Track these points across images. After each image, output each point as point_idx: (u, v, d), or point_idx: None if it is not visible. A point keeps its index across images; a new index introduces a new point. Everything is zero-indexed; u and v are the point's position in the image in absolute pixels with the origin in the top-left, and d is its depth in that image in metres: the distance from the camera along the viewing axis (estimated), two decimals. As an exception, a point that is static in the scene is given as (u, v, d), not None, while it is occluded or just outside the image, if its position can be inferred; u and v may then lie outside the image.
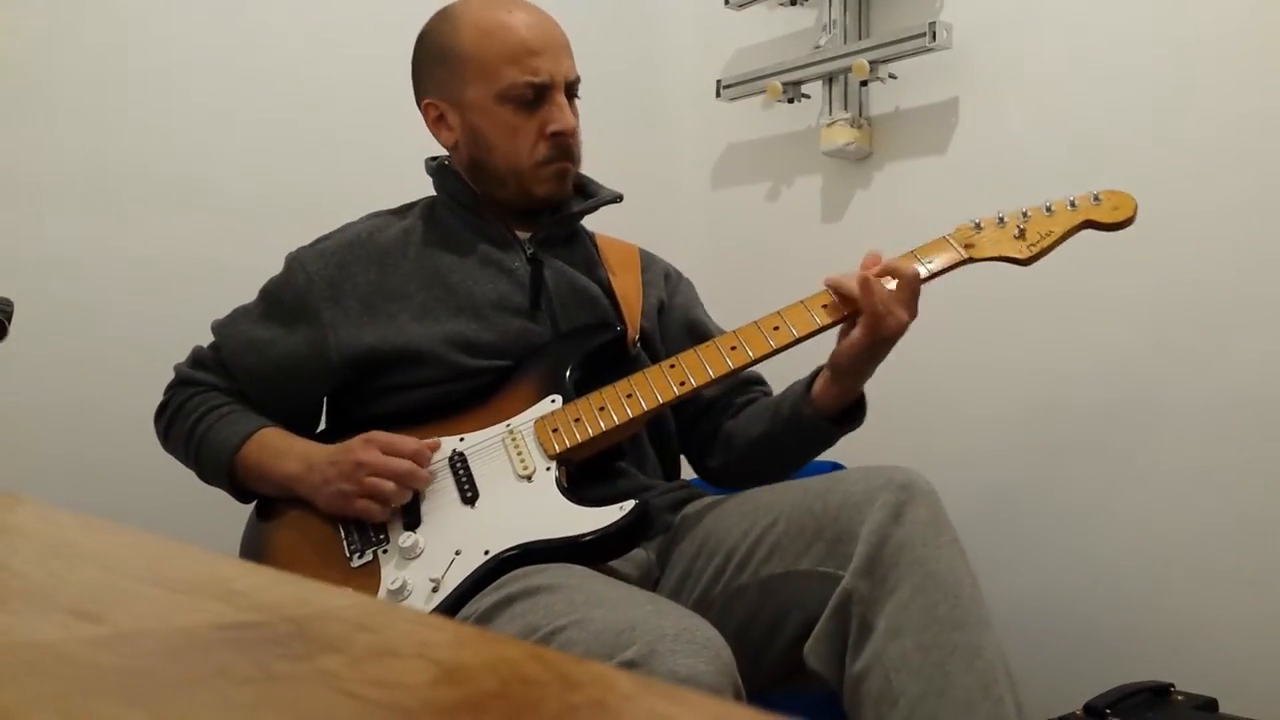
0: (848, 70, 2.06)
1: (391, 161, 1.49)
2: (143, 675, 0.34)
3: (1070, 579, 1.82)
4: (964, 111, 2.00)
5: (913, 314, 1.26)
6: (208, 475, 1.39)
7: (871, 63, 2.01)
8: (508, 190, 1.41)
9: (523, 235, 1.44)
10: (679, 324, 1.52)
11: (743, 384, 1.49)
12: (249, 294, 1.46)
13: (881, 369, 1.32)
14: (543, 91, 1.36)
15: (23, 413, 1.70)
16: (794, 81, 2.16)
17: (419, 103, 1.45)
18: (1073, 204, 1.30)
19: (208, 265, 1.86)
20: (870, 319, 1.23)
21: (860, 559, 1.10)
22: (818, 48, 2.13)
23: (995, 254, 1.29)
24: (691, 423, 1.49)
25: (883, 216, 2.13)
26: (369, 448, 1.26)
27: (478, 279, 1.39)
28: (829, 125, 2.11)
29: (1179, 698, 1.53)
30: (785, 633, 1.18)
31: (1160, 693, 1.54)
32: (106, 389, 1.77)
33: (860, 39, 2.10)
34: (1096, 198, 1.30)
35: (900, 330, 1.25)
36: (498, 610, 1.14)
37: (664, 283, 1.54)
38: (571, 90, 1.40)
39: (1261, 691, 1.58)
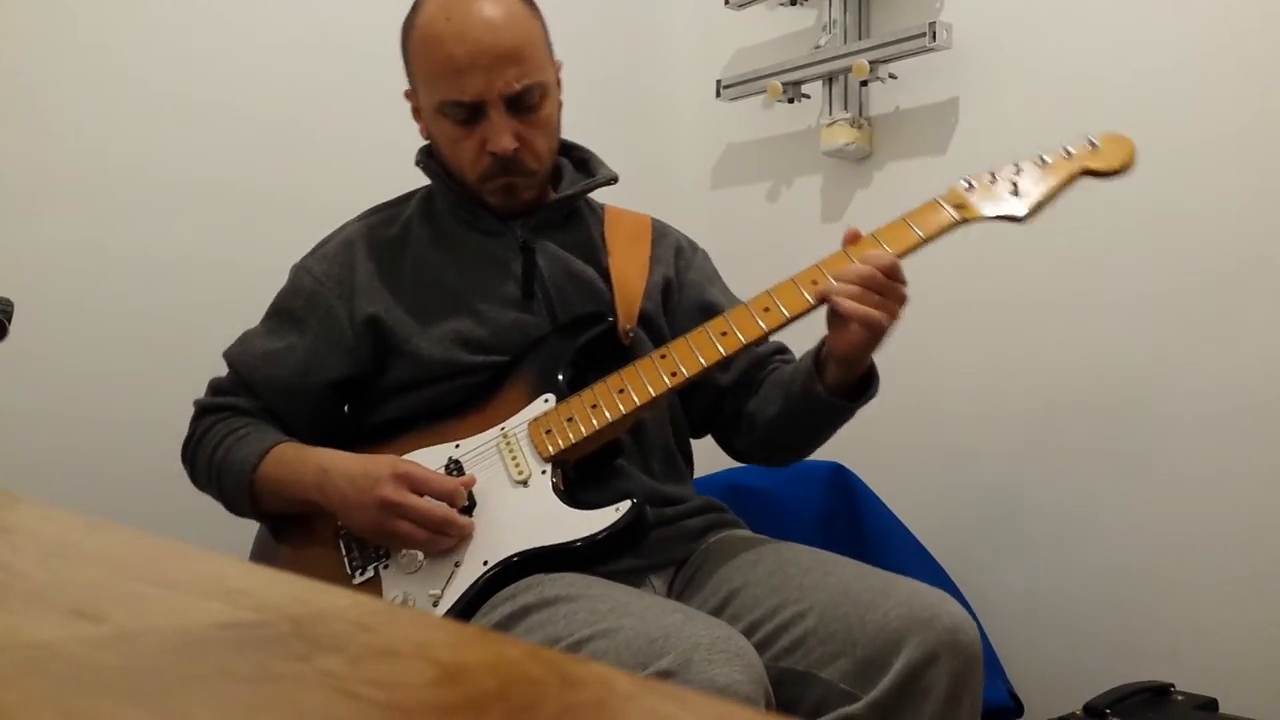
0: (848, 70, 2.06)
1: (392, 160, 1.49)
2: (143, 675, 0.34)
3: (1071, 579, 1.82)
4: (964, 111, 2.00)
5: (901, 301, 1.20)
6: (231, 501, 1.34)
7: (871, 63, 2.01)
8: (470, 191, 1.37)
9: (516, 221, 1.38)
10: (691, 304, 1.45)
11: (762, 359, 1.42)
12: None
13: (883, 369, 1.32)
14: (476, 109, 1.29)
15: (23, 413, 1.70)
16: (794, 81, 2.16)
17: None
18: (1068, 152, 1.23)
19: (207, 265, 1.86)
20: (860, 325, 1.18)
21: (882, 693, 1.08)
22: (818, 48, 2.13)
23: (990, 213, 1.22)
24: (714, 406, 1.44)
25: (883, 216, 2.11)
26: (399, 487, 1.20)
27: (471, 274, 1.36)
28: (829, 125, 2.11)
29: (1179, 698, 1.53)
30: None
31: (1160, 693, 1.54)
32: (106, 389, 1.77)
33: (860, 39, 2.10)
34: (1093, 144, 1.23)
35: (889, 327, 1.20)
36: (514, 621, 1.13)
37: (674, 258, 1.47)
38: (519, 101, 1.29)
39: (1261, 691, 1.58)
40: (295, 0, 2.01)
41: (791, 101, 2.19)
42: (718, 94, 2.30)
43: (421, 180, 1.46)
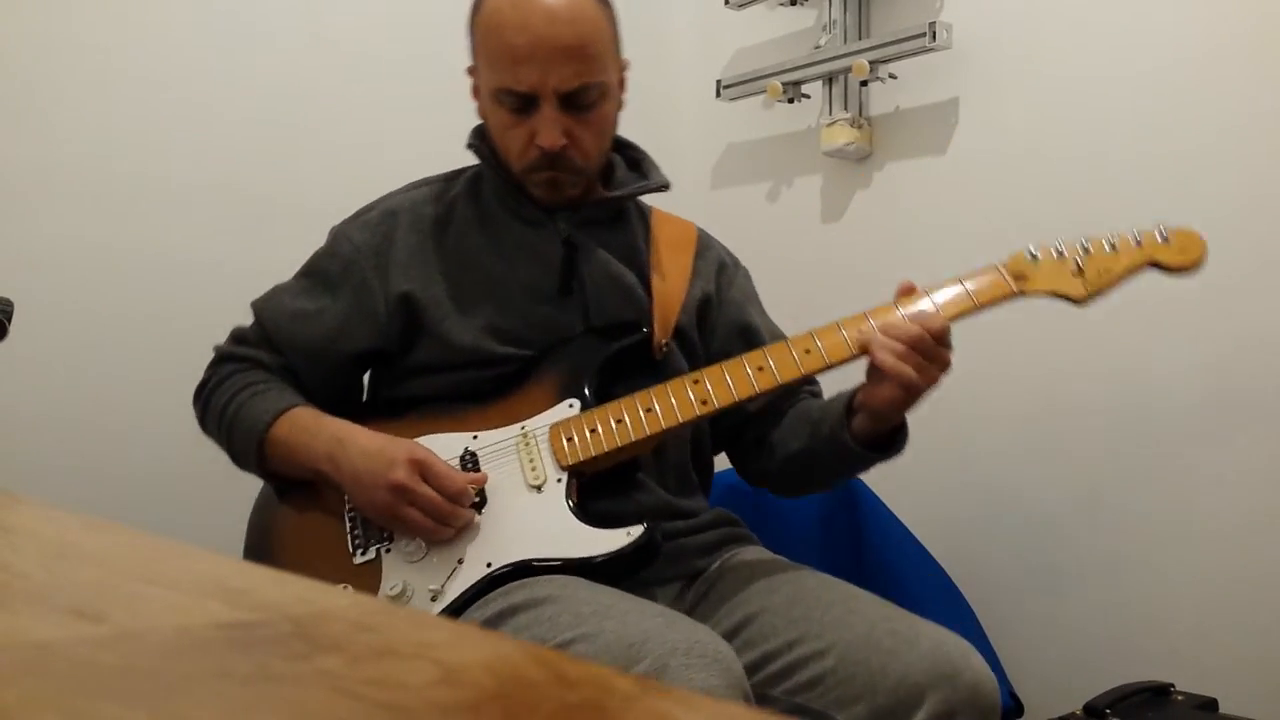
0: (848, 70, 2.06)
1: (393, 161, 1.49)
2: (143, 675, 0.34)
3: (1070, 579, 1.82)
4: (964, 111, 2.00)
5: (944, 367, 1.20)
6: (239, 456, 1.32)
7: (871, 63, 2.01)
8: (516, 179, 1.35)
9: (561, 214, 1.36)
10: (730, 323, 1.43)
11: (790, 388, 1.37)
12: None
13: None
14: (529, 101, 1.27)
15: (23, 413, 1.70)
16: (794, 81, 2.16)
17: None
18: (1138, 241, 1.22)
19: (208, 265, 1.86)
20: (898, 384, 1.18)
21: None
22: (818, 48, 2.13)
23: (1049, 289, 1.22)
24: (737, 430, 1.42)
25: (883, 216, 2.13)
26: (413, 473, 1.19)
27: (510, 262, 1.34)
28: (829, 125, 2.11)
29: (1179, 698, 1.53)
30: None
31: (1160, 693, 1.54)
32: (106, 389, 1.77)
33: (860, 39, 2.10)
34: (1164, 237, 1.22)
35: (930, 387, 1.20)
36: (503, 619, 1.13)
37: (716, 274, 1.45)
38: (573, 99, 1.28)
39: (1261, 691, 1.58)
40: (295, 0, 2.01)
41: (791, 101, 2.19)
42: (718, 94, 2.30)
43: (429, 170, 1.45)
